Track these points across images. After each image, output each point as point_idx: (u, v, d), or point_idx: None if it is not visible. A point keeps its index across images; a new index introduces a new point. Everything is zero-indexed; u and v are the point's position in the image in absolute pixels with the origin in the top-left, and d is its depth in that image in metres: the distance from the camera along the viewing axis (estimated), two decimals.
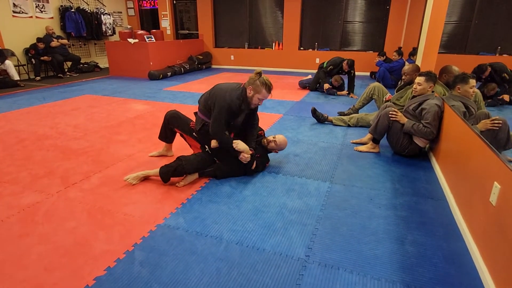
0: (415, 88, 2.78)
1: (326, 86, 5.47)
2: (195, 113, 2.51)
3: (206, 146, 2.44)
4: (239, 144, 2.30)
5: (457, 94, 2.45)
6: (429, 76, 2.71)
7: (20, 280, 1.45)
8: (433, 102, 2.63)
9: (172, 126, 2.64)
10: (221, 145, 2.32)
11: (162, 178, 2.31)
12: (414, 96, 2.84)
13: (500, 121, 2.41)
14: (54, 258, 1.58)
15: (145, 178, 2.41)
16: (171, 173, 2.29)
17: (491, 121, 2.44)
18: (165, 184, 2.32)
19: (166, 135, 2.71)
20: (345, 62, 5.33)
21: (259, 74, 2.26)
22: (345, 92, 5.52)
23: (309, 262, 1.58)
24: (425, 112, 2.63)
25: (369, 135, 3.13)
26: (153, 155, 2.85)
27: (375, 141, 3.00)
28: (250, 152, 2.35)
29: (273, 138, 2.58)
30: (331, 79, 5.56)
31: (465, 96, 2.41)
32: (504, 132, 1.97)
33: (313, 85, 5.86)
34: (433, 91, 2.75)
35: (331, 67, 5.43)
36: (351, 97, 5.38)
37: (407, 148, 2.81)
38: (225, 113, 2.23)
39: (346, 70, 5.40)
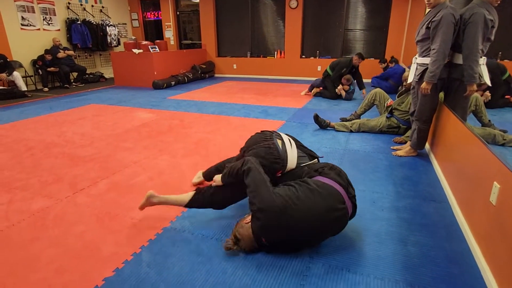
0: (428, 1, 2.50)
1: (343, 88, 5.62)
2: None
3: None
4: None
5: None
6: None
7: (32, 282, 1.49)
8: (445, 11, 2.39)
9: None
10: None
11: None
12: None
13: None
14: (64, 261, 1.63)
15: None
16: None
17: None
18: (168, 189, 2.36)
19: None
20: (355, 57, 5.44)
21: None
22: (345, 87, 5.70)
23: (313, 263, 1.61)
24: (435, 26, 2.41)
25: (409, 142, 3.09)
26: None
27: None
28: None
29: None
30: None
31: (490, 2, 2.32)
32: None
33: (332, 94, 5.79)
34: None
35: (344, 69, 5.51)
36: (363, 94, 5.59)
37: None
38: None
39: (357, 65, 5.53)
